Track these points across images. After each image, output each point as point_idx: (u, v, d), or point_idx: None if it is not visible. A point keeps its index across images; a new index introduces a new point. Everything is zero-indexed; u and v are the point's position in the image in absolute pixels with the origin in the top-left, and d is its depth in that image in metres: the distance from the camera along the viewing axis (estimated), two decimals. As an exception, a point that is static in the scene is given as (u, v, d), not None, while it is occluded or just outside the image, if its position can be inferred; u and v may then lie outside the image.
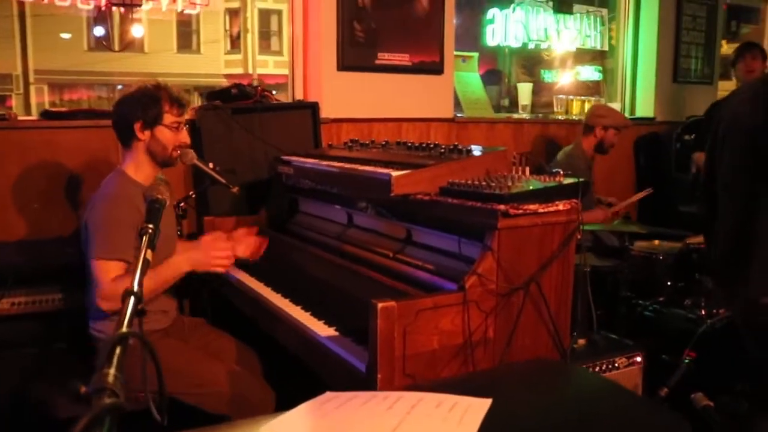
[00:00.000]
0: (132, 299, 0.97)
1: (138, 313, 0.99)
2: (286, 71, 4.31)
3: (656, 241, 3.78)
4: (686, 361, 2.95)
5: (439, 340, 1.79)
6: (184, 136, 2.44)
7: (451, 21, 4.19)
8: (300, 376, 2.32)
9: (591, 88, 6.00)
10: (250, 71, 18.55)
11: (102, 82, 16.63)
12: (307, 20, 3.93)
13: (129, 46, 5.76)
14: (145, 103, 2.34)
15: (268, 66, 18.70)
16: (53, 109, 3.42)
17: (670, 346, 3.11)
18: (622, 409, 1.22)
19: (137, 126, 2.34)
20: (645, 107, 5.51)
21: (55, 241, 3.08)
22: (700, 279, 3.37)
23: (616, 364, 2.67)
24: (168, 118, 2.37)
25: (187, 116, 2.55)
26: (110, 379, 0.75)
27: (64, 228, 3.18)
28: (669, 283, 3.55)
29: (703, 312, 3.24)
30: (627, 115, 5.52)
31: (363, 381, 1.78)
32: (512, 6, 5.00)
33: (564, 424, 1.16)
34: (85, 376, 2.25)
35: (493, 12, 5.04)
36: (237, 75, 17.52)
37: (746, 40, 7.95)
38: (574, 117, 5.15)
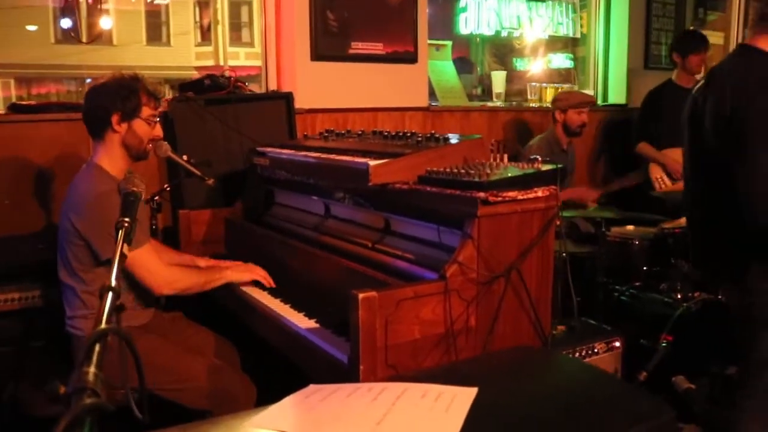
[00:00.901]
0: (111, 294, 0.95)
1: (117, 309, 0.97)
2: (257, 63, 4.26)
3: (630, 227, 3.82)
4: (663, 344, 2.99)
5: (421, 330, 1.78)
6: (158, 130, 2.41)
7: (424, 9, 4.17)
8: (279, 368, 2.31)
9: (563, 76, 6.02)
10: (222, 63, 18.34)
11: (70, 75, 16.32)
12: (279, 10, 3.88)
13: (97, 38, 5.64)
14: (123, 95, 2.29)
15: (240, 58, 18.52)
16: (22, 103, 3.34)
17: (647, 331, 3.15)
18: (607, 394, 1.22)
19: (115, 118, 2.29)
20: (617, 94, 5.55)
21: (27, 237, 3.01)
22: (676, 263, 3.40)
23: (596, 350, 2.69)
24: (146, 111, 2.33)
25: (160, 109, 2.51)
26: (90, 377, 0.73)
27: (35, 224, 3.12)
28: (645, 268, 3.59)
29: (679, 296, 3.27)
30: (600, 102, 5.57)
31: (345, 372, 1.77)
32: (485, -7, 5.00)
33: (550, 410, 1.16)
34: (63, 375, 2.22)
35: (466, 0, 5.02)
36: (208, 67, 17.32)
37: (713, 27, 8.05)
38: (547, 104, 5.17)
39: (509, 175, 1.95)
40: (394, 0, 4.02)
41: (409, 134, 2.50)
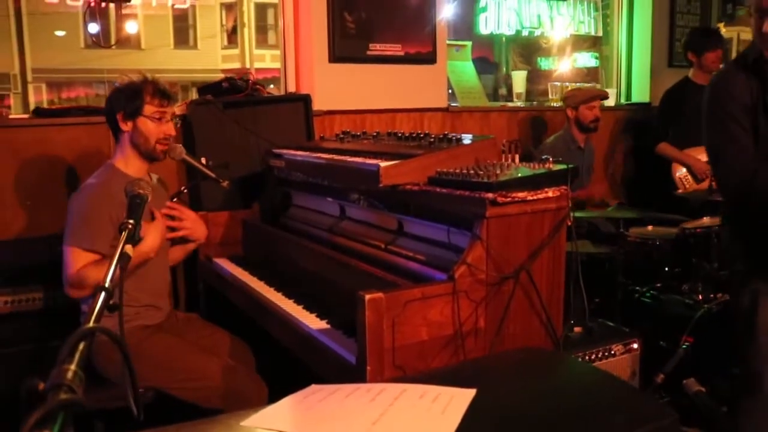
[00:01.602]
0: (103, 294, 0.97)
1: (110, 308, 0.98)
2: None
3: (650, 227, 3.77)
4: (683, 346, 2.95)
5: (428, 331, 1.78)
6: (169, 128, 2.44)
7: (443, 10, 4.16)
8: (293, 369, 2.32)
9: (589, 75, 5.97)
10: (248, 65, 18.50)
11: (99, 79, 16.60)
12: (297, 12, 3.90)
13: (124, 42, 5.74)
14: (127, 95, 2.38)
15: (266, 60, 18.68)
16: (45, 107, 3.41)
17: (667, 332, 3.11)
18: (608, 397, 1.21)
19: (119, 116, 2.39)
20: (641, 92, 5.49)
21: (47, 238, 3.06)
22: (697, 264, 3.36)
23: (613, 351, 2.66)
24: (148, 108, 2.38)
25: (176, 110, 2.55)
26: (69, 375, 0.74)
27: (57, 225, 3.16)
28: (666, 269, 3.55)
29: (700, 297, 3.23)
30: (623, 101, 5.51)
31: (353, 373, 1.77)
32: (505, -7, 4.98)
33: (548, 411, 1.15)
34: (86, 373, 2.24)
35: (485, 0, 5.00)
36: (234, 70, 17.48)
37: (743, 22, 7.91)
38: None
39: (519, 175, 1.93)
40: (412, 0, 4.02)
41: (422, 135, 2.49)
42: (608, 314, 3.23)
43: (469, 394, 1.17)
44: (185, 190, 2.95)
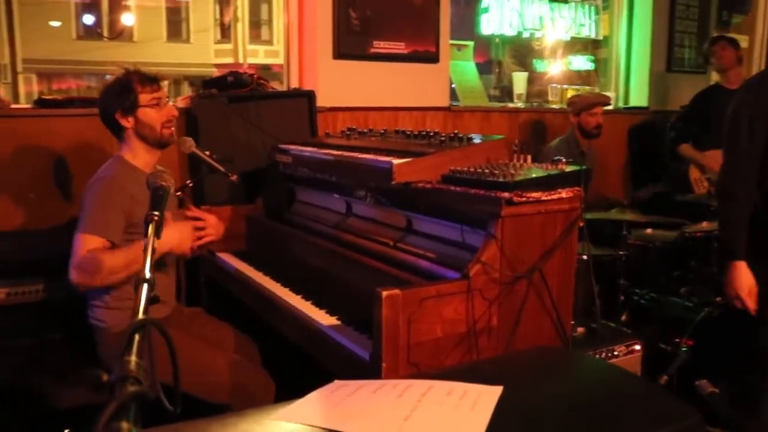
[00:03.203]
0: (146, 286, 0.96)
1: (152, 300, 0.98)
2: (276, 61, 4.30)
3: (648, 230, 3.80)
4: (683, 348, 2.97)
5: (443, 329, 1.78)
6: (170, 110, 2.43)
7: (447, 9, 4.17)
8: (298, 364, 2.31)
9: (583, 78, 6.00)
10: (241, 60, 18.44)
11: (91, 71, 16.48)
12: (302, 7, 3.90)
13: (119, 34, 5.71)
14: (118, 92, 2.36)
15: (259, 55, 18.59)
16: (48, 97, 3.38)
17: (667, 335, 3.13)
18: (633, 396, 1.22)
19: (118, 115, 2.36)
20: (639, 96, 5.52)
21: (49, 231, 3.04)
22: (697, 267, 3.39)
23: (616, 353, 2.68)
24: (144, 97, 2.36)
25: (179, 103, 2.53)
26: (132, 366, 0.74)
27: (58, 217, 3.15)
28: (665, 272, 3.57)
29: (699, 300, 3.26)
30: (621, 104, 5.53)
31: (366, 369, 1.77)
32: (508, -6, 4.99)
33: (575, 410, 1.16)
34: (84, 366, 2.23)
35: (488, 1, 5.01)
36: (227, 64, 17.41)
37: (736, 29, 7.97)
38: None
39: (533, 175, 1.94)
40: (416, -1, 4.02)
41: (432, 134, 2.50)
42: (608, 316, 3.25)
43: (496, 391, 1.17)
44: (190, 184, 2.93)
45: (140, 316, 0.91)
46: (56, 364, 2.45)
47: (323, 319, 2.12)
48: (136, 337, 0.81)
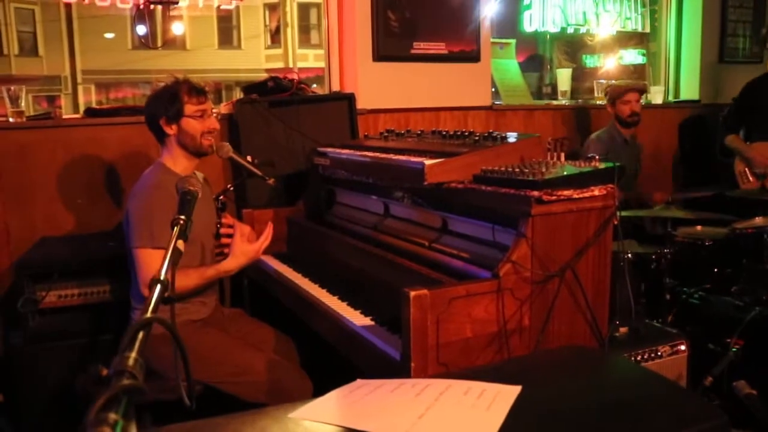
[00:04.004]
0: (158, 287, 0.99)
1: (165, 300, 1.01)
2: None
3: (698, 227, 3.69)
4: (733, 349, 2.88)
5: (473, 329, 1.78)
6: (212, 122, 2.48)
7: (487, 7, 4.14)
8: (337, 365, 2.34)
9: (635, 72, 5.87)
10: (291, 65, 18.68)
11: (146, 80, 16.97)
12: (342, 11, 3.93)
13: (170, 43, 5.86)
14: (165, 100, 2.42)
15: (308, 59, 18.83)
16: (96, 107, 3.51)
17: (716, 334, 3.04)
18: (655, 396, 1.19)
19: (162, 122, 2.43)
20: (690, 90, 5.37)
21: (99, 234, 3.16)
22: (748, 265, 3.28)
23: (659, 353, 2.61)
24: (189, 108, 2.43)
25: (222, 109, 2.58)
26: (130, 362, 0.78)
27: (107, 222, 3.26)
28: (715, 270, 3.47)
29: (750, 299, 3.15)
30: (671, 98, 5.40)
31: (397, 369, 1.78)
32: (550, -10, 4.92)
33: (594, 410, 1.14)
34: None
35: (530, -3, 4.96)
36: (278, 69, 17.67)
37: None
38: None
39: (565, 173, 1.92)
40: (456, -1, 4.01)
41: (467, 133, 2.49)
42: (655, 315, 3.17)
43: (514, 391, 1.16)
44: (231, 188, 3.00)
45: (148, 314, 0.94)
46: (105, 364, 2.52)
47: (357, 319, 2.14)
48: (140, 334, 0.83)
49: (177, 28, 4.74)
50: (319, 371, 2.49)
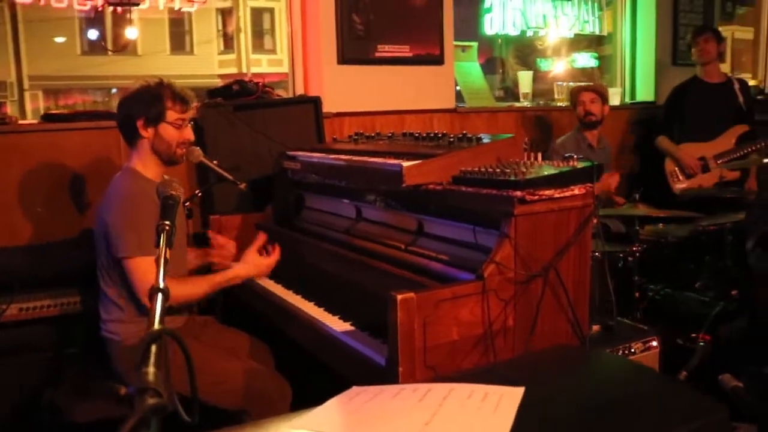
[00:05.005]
0: (160, 296, 0.95)
1: (167, 310, 0.97)
2: (280, 69, 4.29)
3: (660, 225, 3.77)
4: (701, 344, 2.94)
5: (459, 331, 1.77)
6: (188, 133, 2.41)
7: (450, 11, 4.16)
8: (312, 368, 2.30)
9: (586, 75, 5.97)
10: (244, 70, 18.47)
11: (96, 86, 16.57)
12: (305, 14, 3.89)
13: (124, 48, 5.72)
14: (147, 101, 2.32)
15: (262, 65, 18.66)
16: (54, 112, 3.39)
17: (683, 330, 3.11)
18: (658, 393, 1.19)
19: (140, 123, 2.32)
20: (645, 91, 5.48)
21: (61, 244, 3.04)
22: (711, 261, 3.35)
23: (633, 350, 2.64)
24: (171, 115, 2.34)
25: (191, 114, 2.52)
26: (151, 377, 0.73)
27: (68, 231, 3.15)
28: (679, 267, 3.54)
29: (715, 294, 3.23)
30: (627, 100, 5.50)
31: (382, 374, 1.76)
32: (510, -7, 4.97)
33: (600, 408, 1.14)
34: (101, 380, 2.21)
35: (490, 1, 5.00)
36: (231, 75, 17.45)
37: (740, 21, 7.92)
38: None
39: (545, 173, 1.93)
40: (419, 2, 4.01)
41: (440, 135, 2.48)
42: (623, 312, 3.22)
43: (518, 392, 1.15)
44: (199, 194, 2.93)
45: (156, 326, 0.89)
46: (73, 378, 2.44)
47: (337, 325, 2.11)
48: (153, 347, 0.79)
49: (131, 33, 4.62)
50: (294, 374, 2.45)
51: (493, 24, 5.02)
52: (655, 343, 2.72)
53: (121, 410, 2.13)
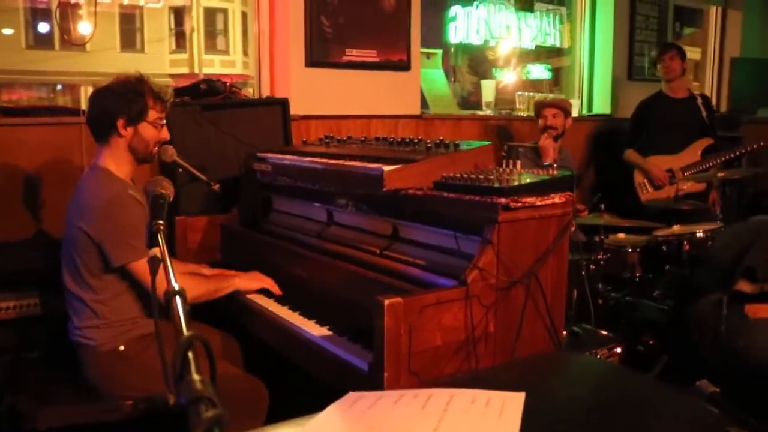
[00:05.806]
0: (178, 299, 0.92)
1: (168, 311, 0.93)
2: (233, 70, 4.25)
3: (621, 234, 3.85)
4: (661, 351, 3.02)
5: (442, 336, 1.76)
6: (165, 133, 2.35)
7: (417, 18, 4.18)
8: (281, 365, 2.27)
9: (537, 87, 6.07)
10: (196, 71, 18.16)
11: (41, 81, 16.03)
12: (273, 15, 3.85)
13: (74, 43, 5.55)
14: (129, 98, 2.23)
15: (215, 65, 18.39)
16: (10, 106, 3.27)
17: (642, 337, 3.18)
18: (652, 397, 1.21)
19: (120, 122, 2.23)
20: (602, 104, 5.62)
21: (19, 244, 2.92)
22: (670, 270, 3.45)
23: (598, 356, 2.70)
24: (152, 114, 2.28)
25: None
26: (199, 386, 0.69)
27: (26, 231, 3.04)
28: (638, 275, 3.63)
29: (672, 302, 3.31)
30: (584, 112, 5.62)
31: (365, 380, 1.74)
32: (475, 3, 5.02)
33: (599, 413, 1.15)
34: (63, 385, 2.12)
35: (455, 10, 5.05)
36: (182, 74, 17.15)
37: (688, 41, 8.19)
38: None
39: (528, 181, 1.95)
40: (388, 7, 4.02)
41: (416, 140, 2.49)
42: (586, 320, 3.28)
43: (520, 397, 1.15)
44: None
45: (185, 332, 0.86)
46: (35, 382, 2.34)
47: (314, 329, 2.09)
48: (190, 354, 0.75)
49: (84, 28, 4.48)
50: (263, 372, 2.41)
51: (457, 32, 5.07)
52: (618, 350, 2.79)
53: (84, 417, 2.05)
